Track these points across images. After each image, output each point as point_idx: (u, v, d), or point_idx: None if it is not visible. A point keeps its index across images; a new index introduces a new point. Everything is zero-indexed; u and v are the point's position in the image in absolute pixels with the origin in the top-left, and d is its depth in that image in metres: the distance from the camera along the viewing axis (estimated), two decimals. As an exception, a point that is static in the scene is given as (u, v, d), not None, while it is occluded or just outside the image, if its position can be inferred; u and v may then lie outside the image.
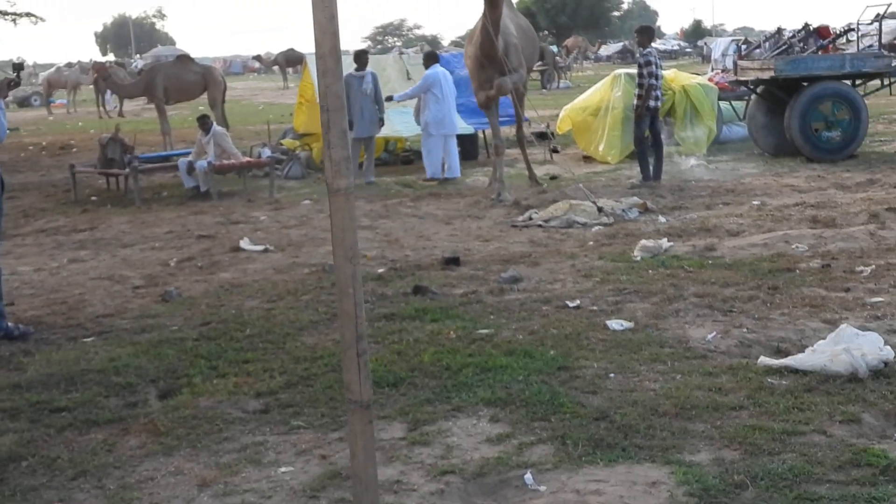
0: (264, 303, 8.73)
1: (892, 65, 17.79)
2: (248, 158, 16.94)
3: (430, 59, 17.04)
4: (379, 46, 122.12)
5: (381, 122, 16.55)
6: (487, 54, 13.70)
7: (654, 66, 14.79)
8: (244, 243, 11.43)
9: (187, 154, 16.55)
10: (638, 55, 15.49)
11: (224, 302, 8.84)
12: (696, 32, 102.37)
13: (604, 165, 17.44)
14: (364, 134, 16.26)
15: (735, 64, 19.58)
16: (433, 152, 16.28)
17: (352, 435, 3.86)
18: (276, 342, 7.45)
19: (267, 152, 17.39)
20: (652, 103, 14.80)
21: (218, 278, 9.91)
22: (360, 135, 16.17)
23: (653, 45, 15.66)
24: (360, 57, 16.84)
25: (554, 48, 54.62)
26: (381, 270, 9.75)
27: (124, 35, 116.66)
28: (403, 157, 19.48)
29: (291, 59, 56.27)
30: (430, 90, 16.20)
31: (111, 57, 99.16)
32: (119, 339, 7.75)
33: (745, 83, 18.36)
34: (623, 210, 12.33)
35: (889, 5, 18.74)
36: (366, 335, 3.70)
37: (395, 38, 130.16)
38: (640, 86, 14.83)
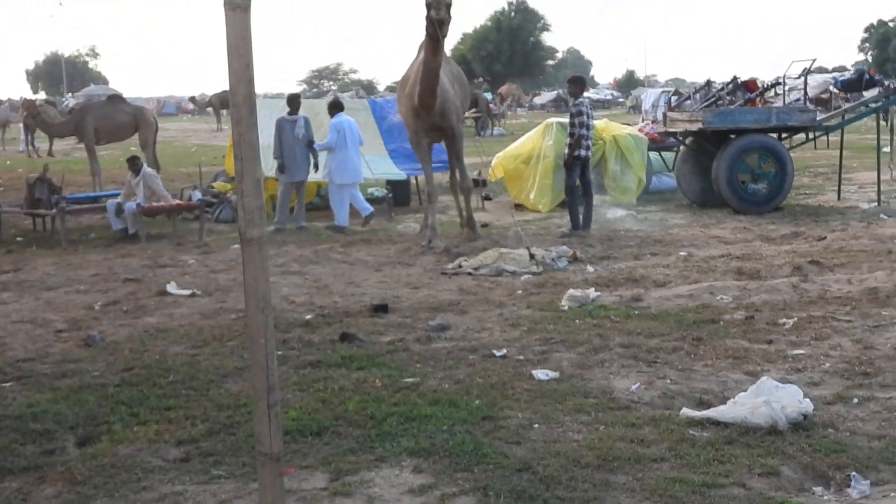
0: (189, 348, 8.64)
1: (817, 119, 18.18)
2: (177, 201, 16.81)
3: (335, 108, 16.97)
4: (314, 90, 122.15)
5: (316, 167, 16.48)
6: (425, 105, 13.65)
7: (585, 116, 14.95)
8: (171, 287, 11.33)
9: (116, 195, 16.39)
10: (570, 105, 15.56)
11: (148, 347, 8.74)
12: (629, 82, 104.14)
13: (535, 213, 17.55)
14: (296, 178, 16.26)
15: (665, 115, 19.84)
16: (339, 202, 16.28)
17: (261, 487, 3.83)
18: (200, 389, 7.37)
19: (198, 195, 17.30)
20: (582, 153, 14.93)
21: (143, 323, 9.80)
22: (292, 178, 16.17)
23: (585, 94, 15.83)
24: (293, 101, 16.85)
25: (488, 95, 55.07)
26: (308, 317, 9.71)
27: (56, 73, 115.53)
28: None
29: (226, 101, 55.90)
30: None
31: (42, 95, 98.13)
32: (39, 384, 7.62)
33: (674, 134, 18.62)
34: (552, 259, 12.40)
35: (814, 60, 19.23)
36: (277, 387, 3.68)
37: (331, 82, 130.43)
38: (571, 135, 14.98)
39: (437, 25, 12.53)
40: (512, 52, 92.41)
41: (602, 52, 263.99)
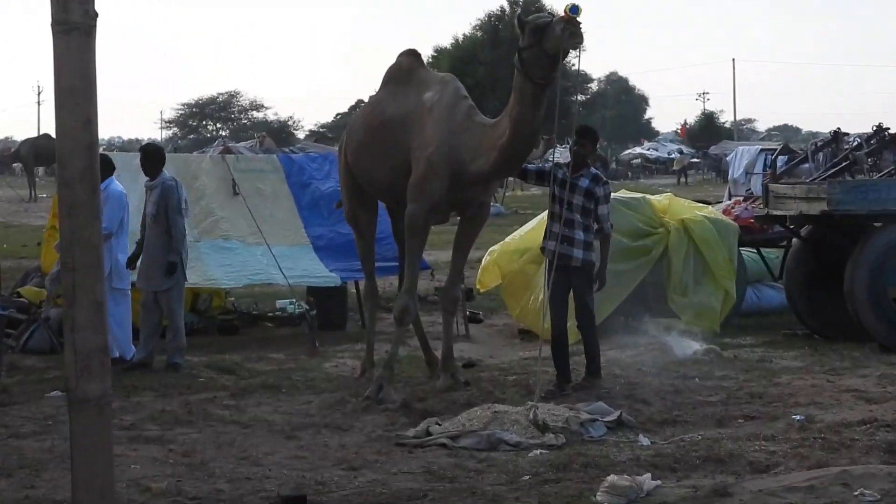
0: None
1: None
2: (-41, 318, 16.76)
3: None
4: (191, 136, 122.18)
5: (172, 268, 16.04)
6: (495, 176, 14.01)
7: None
8: (-57, 465, 11.25)
9: None
10: (588, 177, 14.82)
11: None
12: (708, 131, 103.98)
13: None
14: (149, 285, 16.06)
15: (765, 188, 19.90)
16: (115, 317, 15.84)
17: None
18: None
19: (-6, 308, 17.24)
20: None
21: None
22: (143, 285, 16.06)
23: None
24: (151, 157, 16.62)
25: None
26: (173, 514, 9.63)
27: None
28: (222, 323, 19.37)
29: (44, 154, 55.17)
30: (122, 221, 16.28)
31: None
32: None
33: (781, 220, 18.63)
34: (582, 423, 12.35)
35: None
36: None
37: (219, 123, 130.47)
38: (597, 227, 14.72)
39: (555, 63, 13.71)
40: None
41: (663, 83, 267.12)
